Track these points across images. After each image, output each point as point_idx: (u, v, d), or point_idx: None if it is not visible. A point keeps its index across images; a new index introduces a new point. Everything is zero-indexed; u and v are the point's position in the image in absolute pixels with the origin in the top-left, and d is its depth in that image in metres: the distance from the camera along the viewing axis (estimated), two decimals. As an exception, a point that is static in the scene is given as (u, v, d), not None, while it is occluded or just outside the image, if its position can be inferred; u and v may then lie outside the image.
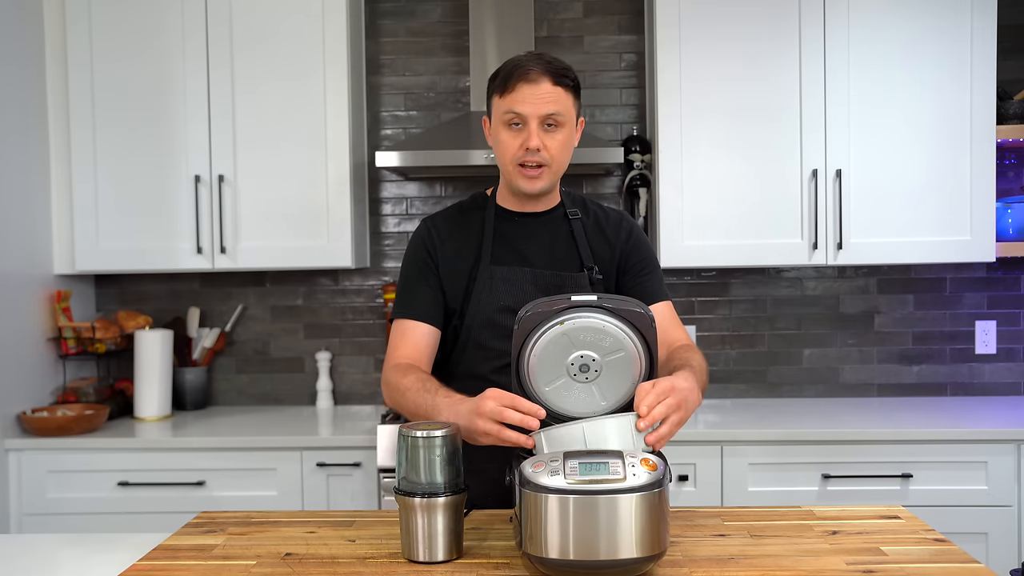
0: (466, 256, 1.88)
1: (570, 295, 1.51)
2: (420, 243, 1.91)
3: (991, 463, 2.77)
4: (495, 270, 1.85)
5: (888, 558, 1.46)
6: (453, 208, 1.98)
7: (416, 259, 1.90)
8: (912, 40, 3.00)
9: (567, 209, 1.93)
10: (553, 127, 1.77)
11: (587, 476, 1.33)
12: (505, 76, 1.78)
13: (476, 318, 1.83)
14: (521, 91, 1.75)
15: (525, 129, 1.77)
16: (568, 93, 1.78)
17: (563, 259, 1.89)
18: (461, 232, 1.91)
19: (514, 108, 1.76)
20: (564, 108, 1.77)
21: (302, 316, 3.49)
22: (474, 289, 1.85)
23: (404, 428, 1.46)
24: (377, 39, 3.46)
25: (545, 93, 1.75)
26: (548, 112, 1.75)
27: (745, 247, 3.05)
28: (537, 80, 1.75)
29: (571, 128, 1.81)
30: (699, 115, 3.04)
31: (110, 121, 3.12)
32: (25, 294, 3.03)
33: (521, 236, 1.89)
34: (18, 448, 2.88)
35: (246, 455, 2.88)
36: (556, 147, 1.78)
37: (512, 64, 1.78)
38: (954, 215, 3.01)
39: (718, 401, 3.37)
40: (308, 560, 1.48)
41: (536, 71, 1.75)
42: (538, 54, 1.80)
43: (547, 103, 1.75)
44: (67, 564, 1.75)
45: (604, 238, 1.92)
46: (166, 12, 3.10)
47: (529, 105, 1.75)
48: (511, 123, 1.78)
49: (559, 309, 1.49)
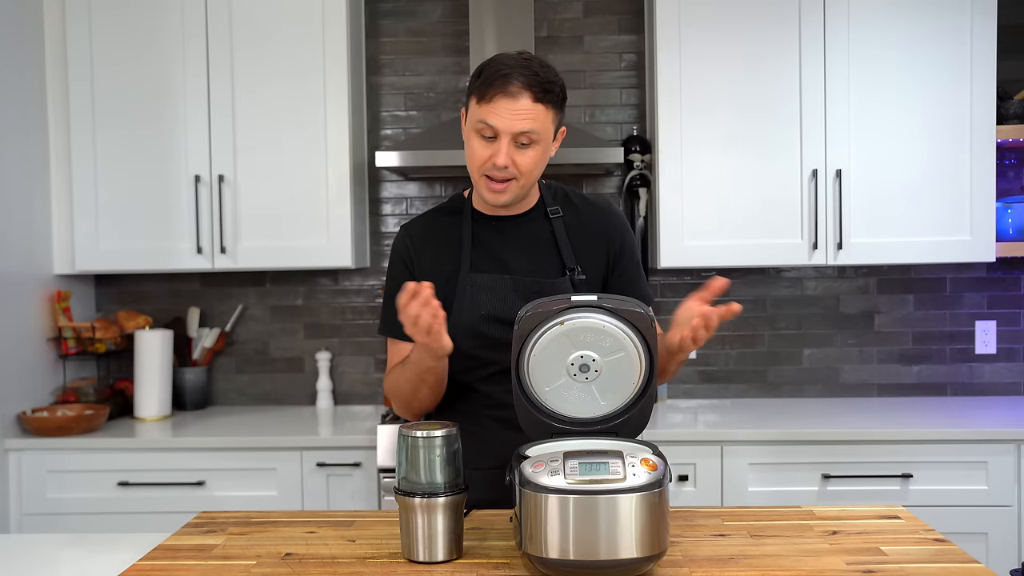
0: (445, 264, 1.83)
1: (570, 295, 1.50)
2: (398, 255, 1.89)
3: (991, 463, 2.77)
4: (475, 278, 1.81)
5: (888, 558, 1.46)
6: (430, 213, 1.94)
7: (396, 271, 1.88)
8: (912, 40, 3.00)
9: (548, 207, 1.86)
10: (526, 144, 1.70)
11: (587, 476, 1.33)
12: (485, 81, 1.69)
13: (459, 328, 1.79)
14: (498, 104, 1.67)
15: (496, 143, 1.69)
16: (549, 109, 1.70)
17: (544, 262, 1.83)
18: (438, 239, 1.86)
19: (487, 120, 1.68)
20: (541, 126, 1.69)
21: (302, 316, 3.49)
22: (455, 298, 1.81)
23: (404, 428, 1.46)
24: (377, 39, 3.46)
25: (522, 110, 1.67)
26: (522, 130, 1.68)
27: (745, 247, 3.05)
28: (516, 95, 1.66)
29: (546, 144, 1.73)
30: (699, 115, 3.04)
31: (110, 121, 3.12)
32: (25, 294, 3.03)
33: (500, 241, 1.84)
34: (18, 448, 2.88)
35: (246, 455, 2.88)
36: (527, 163, 1.71)
37: (495, 69, 1.69)
38: (954, 215, 3.01)
39: (718, 401, 3.37)
40: (308, 560, 1.48)
41: (517, 85, 1.66)
42: (526, 60, 1.70)
43: (523, 120, 1.67)
44: (67, 564, 1.75)
45: (588, 234, 1.86)
46: (166, 13, 3.10)
47: (504, 120, 1.67)
48: (483, 133, 1.70)
49: (559, 309, 1.49)
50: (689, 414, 3.13)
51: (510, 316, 1.79)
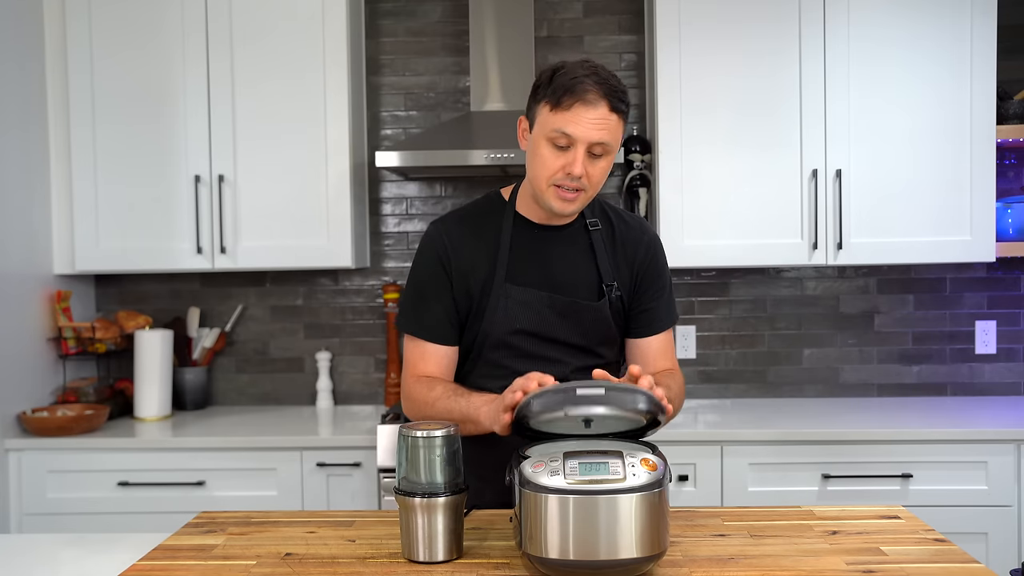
0: (480, 265, 1.80)
1: (576, 387, 1.42)
2: (433, 251, 1.81)
3: (991, 463, 2.77)
4: (511, 290, 1.78)
5: (888, 558, 1.46)
6: (466, 210, 1.88)
7: (429, 269, 1.81)
8: (912, 40, 3.00)
9: (587, 220, 1.84)
10: (598, 155, 1.68)
11: (587, 476, 1.33)
12: (561, 90, 1.65)
13: (490, 337, 1.78)
14: (576, 112, 1.64)
15: (571, 152, 1.67)
16: (621, 120, 1.69)
17: (582, 276, 1.81)
18: (475, 239, 1.81)
19: (565, 129, 1.65)
20: (613, 137, 1.68)
21: (302, 316, 3.49)
22: (487, 306, 1.78)
23: (404, 428, 1.46)
24: (377, 39, 3.46)
25: (600, 119, 1.65)
26: (599, 140, 1.66)
27: (745, 247, 3.05)
28: (595, 103, 1.64)
29: (614, 155, 1.72)
30: (699, 114, 3.04)
31: (110, 121, 3.12)
32: (25, 294, 3.03)
33: (539, 249, 1.81)
34: (18, 448, 2.88)
35: (246, 455, 2.88)
36: (597, 174, 1.70)
37: (570, 77, 1.65)
38: (954, 215, 3.01)
39: (718, 401, 3.37)
40: (308, 560, 1.48)
41: (595, 93, 1.64)
42: (594, 67, 1.68)
43: (600, 130, 1.65)
44: (67, 564, 1.75)
45: (624, 252, 1.85)
46: (166, 11, 3.10)
47: (582, 129, 1.64)
48: (556, 142, 1.67)
49: (564, 400, 1.43)
50: (689, 414, 3.13)
51: (542, 331, 1.78)
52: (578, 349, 1.82)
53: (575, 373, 1.80)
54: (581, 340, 1.81)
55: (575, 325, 1.80)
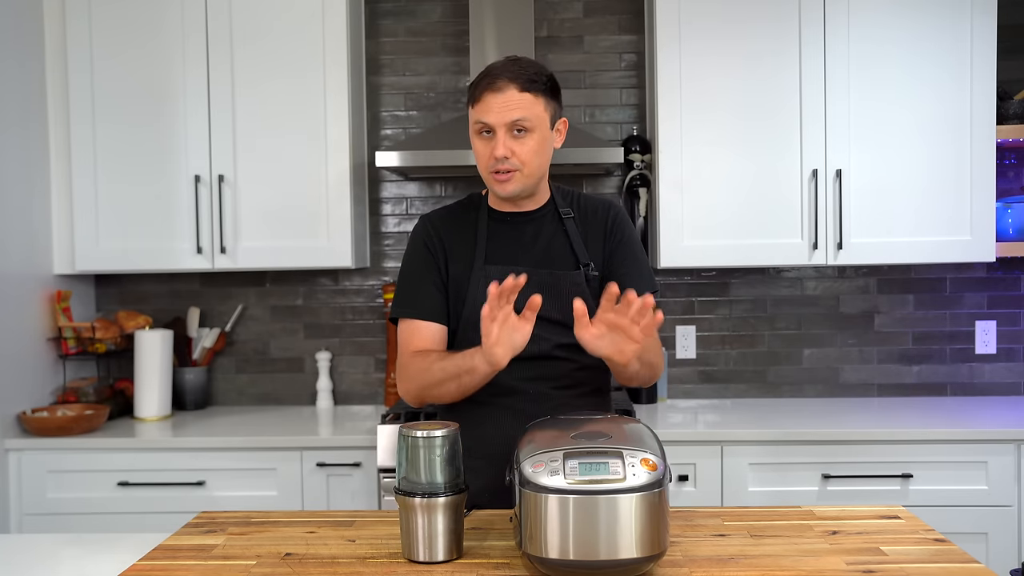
0: (462, 256, 1.90)
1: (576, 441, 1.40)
2: (420, 241, 1.94)
3: (991, 463, 2.77)
4: (490, 270, 1.86)
5: (888, 558, 1.46)
6: (450, 207, 2.00)
7: (419, 257, 1.92)
8: (912, 39, 3.00)
9: (559, 208, 1.94)
10: (522, 132, 1.79)
11: (587, 476, 1.33)
12: (474, 86, 1.82)
13: (472, 319, 1.83)
14: (487, 100, 1.78)
15: (494, 137, 1.79)
16: (538, 97, 1.80)
17: (558, 257, 1.90)
18: (458, 232, 1.93)
19: (481, 118, 1.80)
20: (532, 113, 1.79)
21: (302, 316, 3.49)
22: (469, 290, 1.87)
23: (404, 428, 1.46)
24: (377, 39, 3.46)
25: (510, 100, 1.77)
26: (513, 119, 1.78)
27: (745, 247, 3.05)
28: (502, 88, 1.77)
29: (543, 132, 1.83)
30: (699, 115, 3.04)
31: (110, 121, 3.11)
32: (25, 294, 3.03)
33: (514, 236, 1.91)
34: (18, 448, 2.88)
35: (246, 455, 2.88)
36: (526, 152, 1.80)
37: (482, 73, 1.82)
38: (954, 215, 3.01)
39: (718, 401, 3.37)
40: (308, 560, 1.48)
41: (502, 80, 1.78)
42: (514, 59, 1.82)
43: (512, 110, 1.77)
44: (67, 564, 1.75)
45: (593, 233, 1.93)
46: (166, 11, 3.10)
47: (494, 114, 1.78)
48: (481, 132, 1.81)
49: (560, 449, 1.39)
50: (689, 414, 3.13)
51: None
52: (558, 324, 1.85)
53: (556, 349, 1.86)
54: (560, 316, 1.85)
55: (554, 300, 1.85)
